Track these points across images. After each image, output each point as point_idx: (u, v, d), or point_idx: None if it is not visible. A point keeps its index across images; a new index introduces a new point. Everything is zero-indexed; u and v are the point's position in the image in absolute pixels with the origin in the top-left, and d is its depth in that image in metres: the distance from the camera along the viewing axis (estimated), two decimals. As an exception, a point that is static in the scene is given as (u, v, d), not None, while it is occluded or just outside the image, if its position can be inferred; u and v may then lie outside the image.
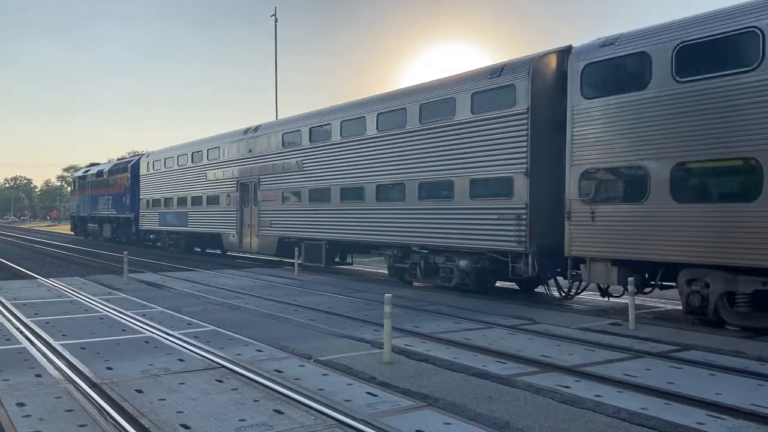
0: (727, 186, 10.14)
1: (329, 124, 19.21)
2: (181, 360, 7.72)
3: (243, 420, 5.49)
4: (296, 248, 19.86)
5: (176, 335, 9.26)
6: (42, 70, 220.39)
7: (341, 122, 18.65)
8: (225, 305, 12.54)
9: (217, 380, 6.79)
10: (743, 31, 9.81)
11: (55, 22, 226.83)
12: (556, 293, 14.14)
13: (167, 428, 5.28)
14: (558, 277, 13.85)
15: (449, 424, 5.51)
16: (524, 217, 13.09)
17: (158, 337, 9.12)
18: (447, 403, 6.13)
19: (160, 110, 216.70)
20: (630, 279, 10.70)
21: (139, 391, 6.31)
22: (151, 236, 32.11)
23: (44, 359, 7.72)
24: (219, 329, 9.80)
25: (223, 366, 7.40)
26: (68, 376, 6.93)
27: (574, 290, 13.58)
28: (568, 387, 6.69)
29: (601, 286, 12.27)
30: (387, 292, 8.46)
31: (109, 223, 37.21)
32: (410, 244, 16.03)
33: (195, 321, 10.58)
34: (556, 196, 12.67)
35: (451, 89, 15.07)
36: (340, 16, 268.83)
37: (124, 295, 13.78)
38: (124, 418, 5.49)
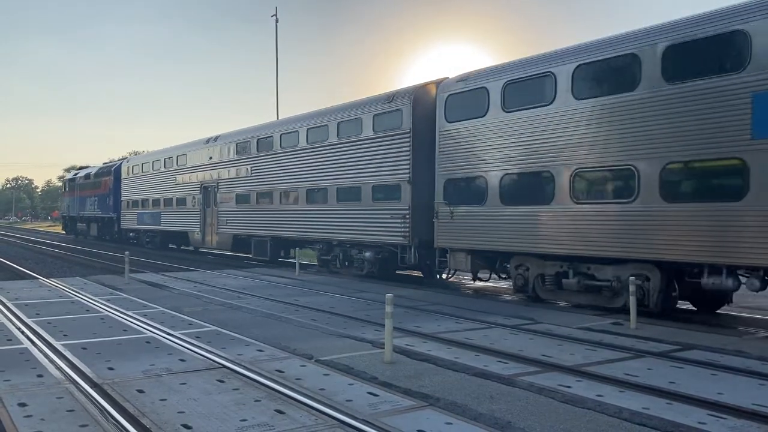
0: (535, 192, 13.06)
1: (272, 136, 22.22)
2: (182, 360, 7.72)
3: (244, 420, 5.49)
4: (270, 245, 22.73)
5: (177, 335, 9.26)
6: (43, 70, 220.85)
7: (281, 135, 21.64)
8: (226, 305, 12.55)
9: (218, 380, 6.79)
10: (543, 74, 13.04)
11: (57, 22, 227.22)
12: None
13: (168, 428, 5.28)
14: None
15: (450, 424, 5.51)
16: (408, 216, 16.26)
17: (159, 338, 9.12)
18: (448, 403, 6.13)
19: (162, 110, 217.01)
20: (631, 278, 10.70)
21: (141, 392, 6.31)
22: (131, 234, 35.15)
23: (46, 359, 7.73)
24: (220, 329, 9.80)
25: (225, 366, 7.40)
26: (69, 376, 6.94)
27: (445, 275, 16.65)
28: (569, 387, 6.69)
29: (470, 271, 15.25)
30: (388, 292, 8.45)
31: (96, 222, 40.01)
32: (332, 239, 19.45)
33: (196, 321, 10.58)
34: (431, 199, 15.58)
35: (359, 111, 18.12)
36: (341, 16, 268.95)
37: (125, 296, 13.78)
38: (125, 418, 5.49)
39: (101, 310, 11.73)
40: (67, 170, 48.60)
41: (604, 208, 11.79)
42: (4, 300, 12.75)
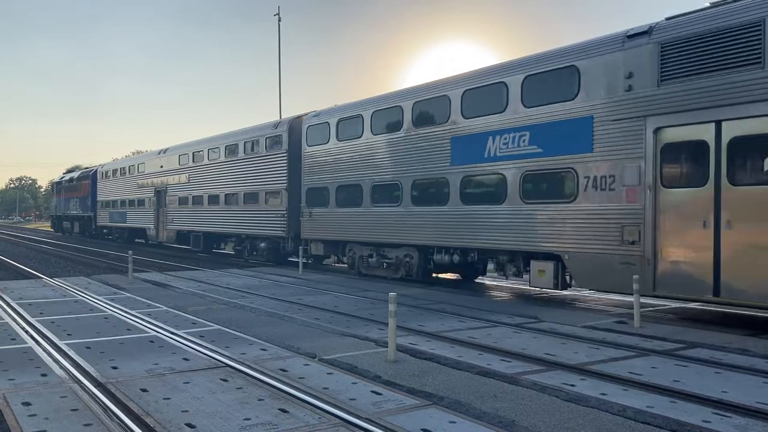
0: (355, 198, 18.32)
1: (203, 150, 27.52)
2: (186, 359, 7.72)
3: (248, 419, 5.50)
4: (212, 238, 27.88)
5: (181, 334, 9.27)
6: (45, 70, 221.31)
7: (208, 150, 27.03)
8: (230, 304, 12.56)
9: (221, 379, 6.79)
10: (356, 116, 18.54)
11: (61, 23, 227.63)
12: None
13: (172, 427, 5.28)
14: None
15: (454, 422, 5.50)
16: (285, 216, 21.43)
17: (163, 337, 9.13)
18: (452, 401, 6.12)
19: (164, 110, 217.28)
20: (635, 277, 10.68)
21: (144, 390, 6.32)
22: (105, 231, 40.44)
23: (49, 359, 7.74)
24: (224, 328, 9.81)
25: (228, 365, 7.41)
26: (73, 375, 6.95)
27: (307, 259, 20.83)
28: (573, 385, 6.67)
29: (323, 254, 20.50)
30: (391, 291, 8.45)
31: (77, 220, 45.70)
32: (241, 233, 24.64)
33: (200, 320, 10.59)
34: (300, 203, 20.89)
35: (258, 133, 23.42)
36: (344, 15, 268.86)
37: (129, 295, 13.81)
38: (129, 417, 5.50)
39: (105, 309, 11.75)
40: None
41: (388, 210, 17.21)
42: (9, 299, 12.78)
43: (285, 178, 21.43)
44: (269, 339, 8.95)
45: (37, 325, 9.98)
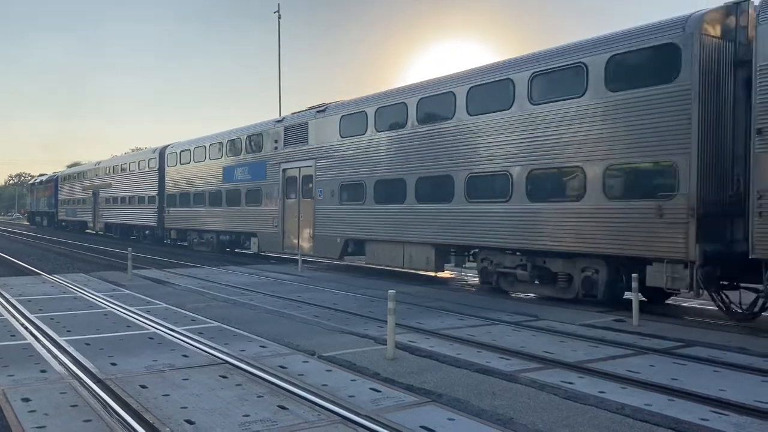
0: (189, 201, 27.24)
1: (118, 165, 38.46)
2: (185, 356, 7.74)
3: (247, 415, 5.51)
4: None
5: (180, 331, 9.28)
6: (44, 67, 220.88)
7: (120, 165, 38.09)
8: (229, 302, 12.57)
9: (221, 376, 6.80)
10: (199, 146, 27.99)
11: (61, 20, 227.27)
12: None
13: (171, 423, 5.30)
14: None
15: (453, 419, 5.52)
16: (156, 212, 31.72)
17: (162, 333, 9.14)
18: (450, 398, 6.14)
19: (163, 107, 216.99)
20: (634, 275, 10.70)
21: (144, 387, 6.33)
22: (63, 223, 50.56)
23: (49, 355, 7.76)
24: (223, 325, 9.83)
25: (228, 362, 7.42)
26: (73, 371, 6.96)
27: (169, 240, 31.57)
28: (571, 383, 6.69)
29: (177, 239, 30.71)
30: (391, 288, 8.46)
31: (45, 215, 57.94)
32: (136, 224, 34.98)
33: (199, 317, 10.60)
34: (167, 204, 30.65)
35: (144, 157, 34.40)
36: (345, 13, 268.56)
37: (128, 292, 13.81)
38: (128, 414, 5.51)
39: (104, 306, 11.76)
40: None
41: (212, 209, 26.61)
42: (8, 296, 12.79)
43: (156, 186, 31.70)
44: (269, 336, 8.96)
45: (37, 321, 9.99)
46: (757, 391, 6.41)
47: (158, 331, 9.30)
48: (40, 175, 62.62)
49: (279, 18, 40.33)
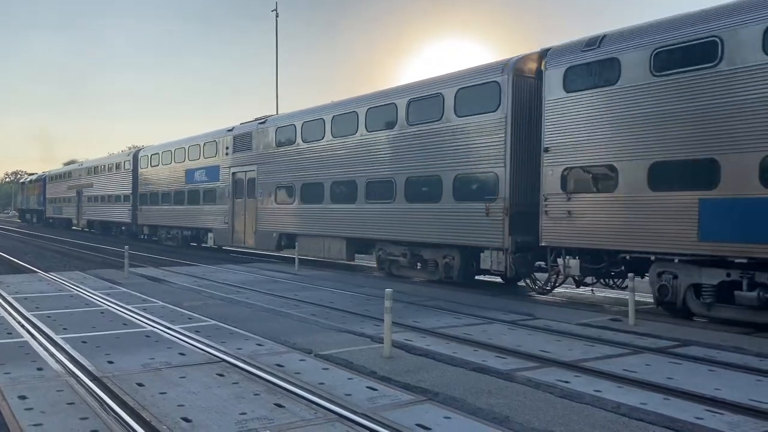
0: (158, 199, 31.06)
1: (98, 165, 41.09)
2: (182, 354, 7.74)
3: (244, 413, 5.52)
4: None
5: (177, 329, 9.28)
6: (42, 65, 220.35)
7: (100, 166, 40.71)
8: (226, 300, 12.57)
9: (217, 374, 6.81)
10: (167, 151, 31.11)
11: (58, 17, 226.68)
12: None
13: (168, 421, 5.30)
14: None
15: (449, 418, 5.53)
16: (131, 209, 34.25)
17: (159, 332, 9.14)
18: (447, 397, 6.15)
19: (162, 104, 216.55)
20: (630, 275, 10.75)
21: (140, 385, 6.33)
22: (50, 220, 54.04)
23: (45, 353, 7.75)
24: (220, 324, 9.82)
25: (224, 360, 7.42)
26: (69, 369, 6.95)
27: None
28: (567, 382, 6.71)
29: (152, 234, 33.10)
30: (387, 287, 8.47)
31: (35, 213, 60.96)
32: (114, 220, 37.66)
33: (196, 315, 10.60)
34: (140, 202, 33.20)
35: (117, 160, 38.24)
36: (342, 11, 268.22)
37: (124, 290, 13.80)
38: (125, 411, 5.51)
39: (101, 304, 11.75)
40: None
41: (176, 207, 29.49)
42: (4, 294, 12.76)
43: (130, 187, 34.50)
44: (265, 334, 8.97)
45: (33, 319, 9.97)
46: (753, 391, 6.44)
47: (155, 329, 9.29)
48: (31, 174, 66.72)
49: (276, 16, 40.39)
